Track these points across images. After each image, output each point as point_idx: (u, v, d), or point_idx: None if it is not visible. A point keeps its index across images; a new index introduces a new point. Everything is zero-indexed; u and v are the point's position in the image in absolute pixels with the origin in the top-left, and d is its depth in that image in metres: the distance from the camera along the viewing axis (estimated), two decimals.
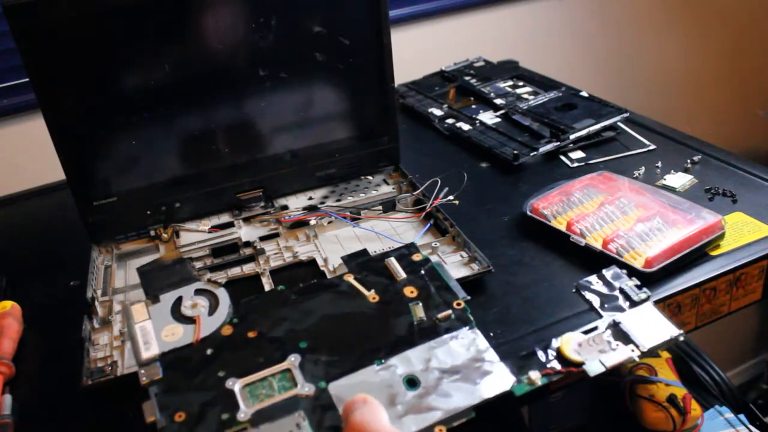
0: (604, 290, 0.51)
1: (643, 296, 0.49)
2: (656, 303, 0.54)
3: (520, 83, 0.96)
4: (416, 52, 1.14)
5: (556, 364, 0.44)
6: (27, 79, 0.59)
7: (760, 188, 0.68)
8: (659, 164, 0.74)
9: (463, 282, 0.56)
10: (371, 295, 0.48)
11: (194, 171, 0.68)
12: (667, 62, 1.50)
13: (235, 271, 0.62)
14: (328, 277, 0.59)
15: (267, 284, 0.60)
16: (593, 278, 0.52)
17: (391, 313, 0.47)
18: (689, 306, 0.57)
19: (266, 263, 0.63)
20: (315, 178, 0.72)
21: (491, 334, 0.52)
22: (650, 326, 0.46)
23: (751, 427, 0.86)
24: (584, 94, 0.88)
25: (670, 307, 0.55)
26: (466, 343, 0.44)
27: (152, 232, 0.67)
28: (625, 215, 0.62)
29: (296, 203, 0.71)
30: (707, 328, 0.60)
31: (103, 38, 0.60)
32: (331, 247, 0.64)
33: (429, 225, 0.66)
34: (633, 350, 0.44)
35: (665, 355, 0.91)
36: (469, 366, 0.43)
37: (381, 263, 0.51)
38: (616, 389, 0.89)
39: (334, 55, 0.68)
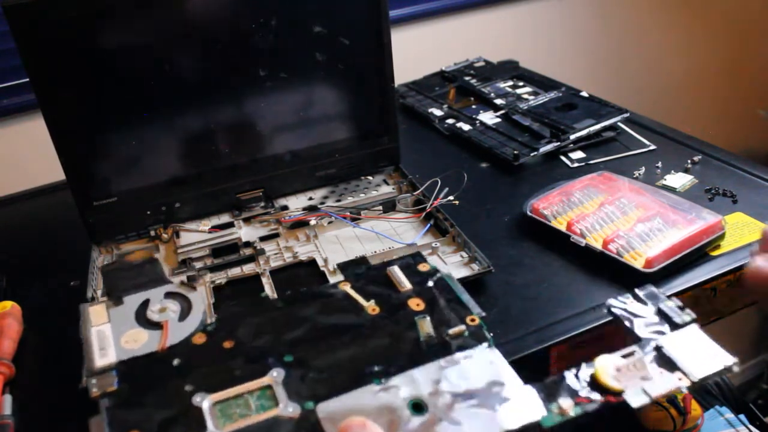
0: (640, 311, 0.45)
1: (687, 318, 0.43)
2: None
3: (520, 83, 0.96)
4: (416, 52, 1.14)
5: (589, 392, 0.38)
6: (27, 79, 0.59)
7: (761, 188, 0.68)
8: (659, 164, 0.74)
9: (463, 282, 0.56)
10: (371, 306, 0.43)
11: (194, 171, 0.68)
12: (667, 62, 1.50)
13: (235, 272, 0.62)
14: (328, 277, 0.59)
15: (267, 284, 0.60)
16: (626, 298, 0.46)
17: (394, 327, 0.41)
18: (689, 306, 0.56)
19: (266, 263, 0.63)
20: (315, 179, 0.72)
21: (491, 334, 0.52)
22: (698, 352, 0.40)
23: (751, 427, 0.86)
24: (584, 94, 0.88)
25: None
26: (483, 363, 0.39)
27: (152, 232, 0.67)
28: (625, 215, 0.62)
29: (296, 203, 0.71)
30: (707, 328, 0.60)
31: (103, 38, 0.60)
32: (331, 247, 0.64)
33: (429, 225, 0.66)
34: (681, 379, 0.38)
35: None
36: (487, 390, 0.37)
37: (383, 272, 0.46)
38: None
39: (334, 55, 0.68)
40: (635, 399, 0.37)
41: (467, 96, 0.95)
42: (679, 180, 0.70)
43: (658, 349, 0.41)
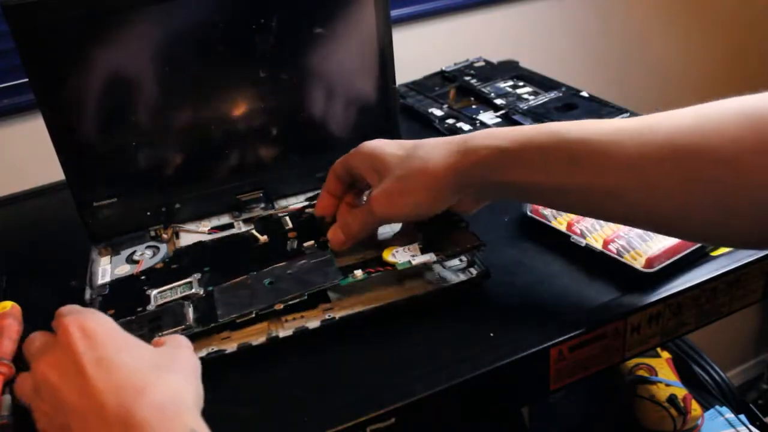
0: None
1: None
2: (656, 303, 0.54)
3: (521, 83, 0.96)
4: (416, 52, 1.14)
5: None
6: (27, 79, 0.59)
7: None
8: None
9: (461, 286, 0.56)
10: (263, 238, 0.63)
11: (194, 172, 0.68)
12: (667, 62, 1.50)
13: None
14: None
15: None
16: None
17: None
18: (689, 306, 0.57)
19: None
20: (315, 179, 0.72)
21: (491, 334, 0.52)
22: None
23: (751, 427, 0.86)
24: (584, 94, 0.88)
25: (670, 307, 0.55)
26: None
27: (152, 233, 0.67)
28: None
29: (296, 205, 0.71)
30: (707, 328, 0.60)
31: (104, 38, 0.60)
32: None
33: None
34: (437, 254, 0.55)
35: (665, 355, 0.91)
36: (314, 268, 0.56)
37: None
38: (616, 389, 0.89)
39: (334, 56, 0.68)
40: (401, 263, 0.54)
41: (467, 96, 0.95)
42: None
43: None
